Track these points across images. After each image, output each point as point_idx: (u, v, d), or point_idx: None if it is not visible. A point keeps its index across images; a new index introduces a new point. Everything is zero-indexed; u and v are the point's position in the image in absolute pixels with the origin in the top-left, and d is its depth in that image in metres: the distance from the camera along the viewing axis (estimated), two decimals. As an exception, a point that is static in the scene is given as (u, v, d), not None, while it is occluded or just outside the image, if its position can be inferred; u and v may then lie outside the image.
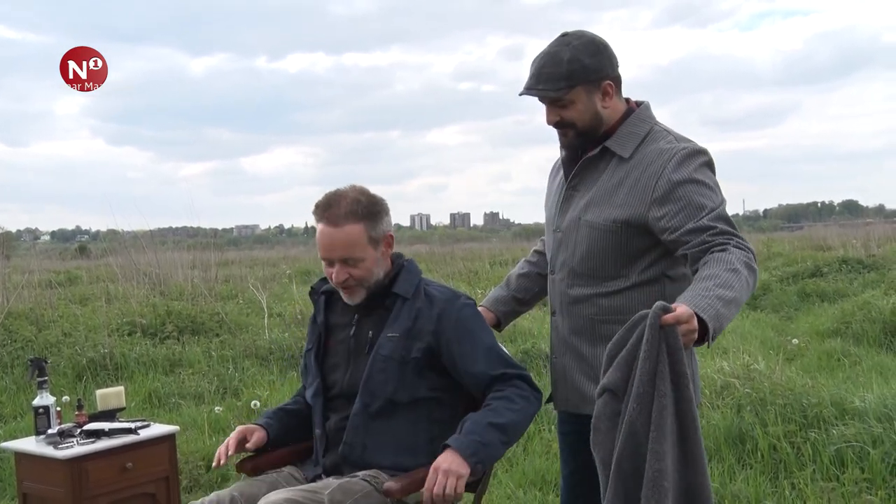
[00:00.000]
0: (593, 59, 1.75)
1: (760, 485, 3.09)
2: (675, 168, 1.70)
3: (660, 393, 1.42)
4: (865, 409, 3.39)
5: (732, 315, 1.54)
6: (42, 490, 2.59)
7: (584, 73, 1.74)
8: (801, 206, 66.14)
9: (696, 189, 1.68)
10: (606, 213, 1.77)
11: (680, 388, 1.43)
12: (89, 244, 23.38)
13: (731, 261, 1.57)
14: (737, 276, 1.55)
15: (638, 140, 1.78)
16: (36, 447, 2.60)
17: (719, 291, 1.51)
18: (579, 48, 1.74)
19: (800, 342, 5.94)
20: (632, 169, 1.76)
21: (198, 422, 4.38)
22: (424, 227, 74.44)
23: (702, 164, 1.72)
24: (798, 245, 15.67)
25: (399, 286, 1.92)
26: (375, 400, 1.84)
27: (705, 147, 1.77)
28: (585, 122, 1.78)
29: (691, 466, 1.46)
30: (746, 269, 1.58)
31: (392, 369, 1.85)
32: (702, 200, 1.67)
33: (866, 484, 2.95)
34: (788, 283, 9.43)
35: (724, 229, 1.64)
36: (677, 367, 1.43)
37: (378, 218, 1.89)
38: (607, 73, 1.77)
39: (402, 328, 1.87)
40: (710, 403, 3.80)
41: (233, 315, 7.43)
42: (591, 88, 1.76)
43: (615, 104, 1.80)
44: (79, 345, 6.01)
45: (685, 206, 1.67)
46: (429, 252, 16.56)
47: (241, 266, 13.81)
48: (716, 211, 1.66)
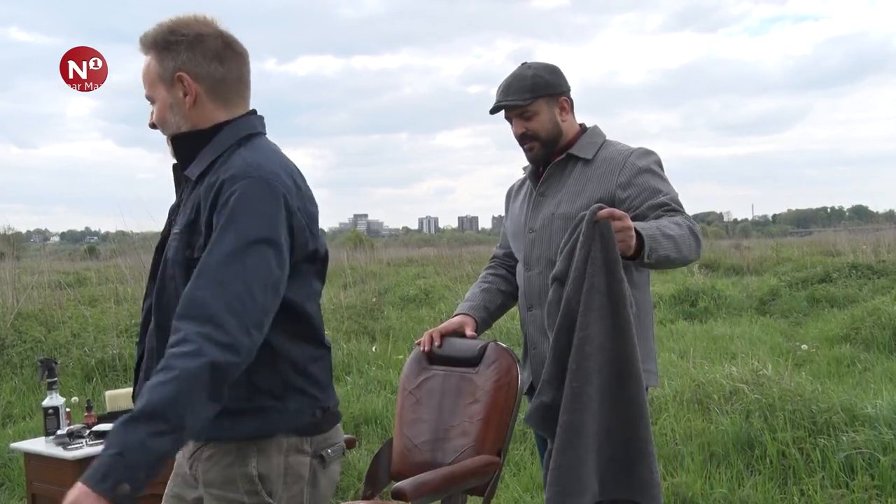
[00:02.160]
0: (552, 77, 2.04)
1: (769, 491, 3.07)
2: (636, 159, 1.97)
3: (589, 273, 1.64)
4: (876, 416, 3.37)
5: (669, 250, 1.75)
6: (51, 490, 2.60)
7: (546, 86, 2.02)
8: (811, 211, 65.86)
9: (653, 178, 1.95)
10: (578, 203, 1.97)
11: (611, 270, 1.65)
12: (98, 245, 23.49)
13: (676, 219, 1.83)
14: (678, 227, 1.80)
15: (597, 147, 2.05)
16: (45, 448, 2.61)
17: (659, 225, 1.78)
18: (539, 68, 2.04)
19: (809, 348, 5.90)
20: (596, 168, 2.01)
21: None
22: (433, 230, 74.49)
23: (657, 161, 2.00)
24: (807, 250, 15.59)
25: (198, 162, 1.38)
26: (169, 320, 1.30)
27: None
28: (548, 132, 2.04)
29: (620, 336, 1.65)
30: (689, 230, 1.82)
31: (179, 276, 1.35)
32: (659, 186, 1.93)
33: (876, 491, 2.93)
34: (798, 289, 9.38)
35: (676, 207, 1.90)
36: (609, 254, 1.65)
37: (172, 49, 1.36)
38: (564, 89, 2.06)
39: (184, 221, 1.37)
40: (719, 409, 3.78)
41: (241, 317, 7.43)
42: (551, 102, 2.03)
43: (571, 120, 2.07)
44: (88, 346, 6.04)
45: (645, 188, 1.93)
46: (437, 255, 16.56)
47: (249, 268, 13.78)
48: (671, 195, 1.92)
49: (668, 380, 4.48)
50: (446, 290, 9.66)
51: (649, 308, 2.05)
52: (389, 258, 17.68)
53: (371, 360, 5.95)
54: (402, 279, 11.71)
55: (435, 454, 2.02)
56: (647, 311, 2.02)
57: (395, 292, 9.89)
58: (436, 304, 8.80)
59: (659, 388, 4.32)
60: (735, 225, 52.42)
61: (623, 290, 1.65)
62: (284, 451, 1.38)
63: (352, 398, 4.76)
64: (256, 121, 1.44)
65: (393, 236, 55.28)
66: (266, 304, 1.27)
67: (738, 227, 47.41)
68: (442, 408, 2.06)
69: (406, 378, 2.16)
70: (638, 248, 1.70)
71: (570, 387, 1.61)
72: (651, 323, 2.05)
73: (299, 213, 1.35)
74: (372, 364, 5.80)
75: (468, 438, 1.98)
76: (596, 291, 1.63)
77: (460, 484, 1.88)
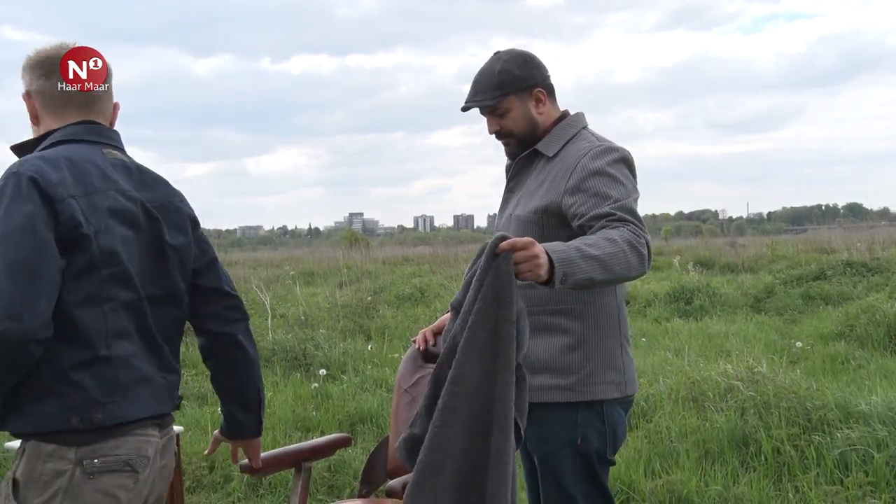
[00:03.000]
0: (522, 70, 1.91)
1: (764, 488, 3.08)
2: (588, 161, 1.82)
3: (478, 308, 1.51)
4: (870, 413, 3.38)
5: (592, 272, 1.58)
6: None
7: (515, 82, 1.89)
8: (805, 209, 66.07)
9: (604, 181, 1.79)
10: (530, 205, 1.89)
11: (502, 307, 1.51)
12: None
13: (611, 234, 1.66)
14: (611, 244, 1.62)
15: (563, 141, 1.91)
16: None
17: (582, 245, 1.60)
18: (509, 61, 1.91)
19: (804, 345, 5.92)
20: (554, 166, 1.89)
21: (201, 422, 4.38)
22: (428, 229, 74.48)
23: (615, 159, 1.83)
24: (802, 248, 15.65)
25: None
26: None
27: (625, 148, 1.89)
28: (522, 128, 1.93)
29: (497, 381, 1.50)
30: (627, 244, 1.65)
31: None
32: (608, 191, 1.77)
33: (871, 488, 2.94)
34: (792, 286, 9.41)
35: (623, 217, 1.72)
36: (502, 291, 1.51)
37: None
38: (536, 81, 1.92)
39: None
40: (714, 406, 3.80)
41: (236, 316, 7.43)
42: (523, 96, 1.91)
43: (549, 110, 1.94)
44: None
45: (593, 195, 1.78)
46: (432, 254, 16.56)
47: (244, 267, 13.85)
48: (620, 202, 1.75)
49: (663, 377, 4.49)
50: (442, 289, 9.67)
51: (613, 313, 1.90)
52: (385, 257, 17.68)
53: (367, 358, 5.95)
54: (397, 278, 11.71)
55: (430, 452, 2.01)
56: (608, 316, 1.88)
57: (391, 291, 9.90)
58: (431, 302, 8.80)
59: (654, 386, 4.33)
60: (730, 223, 52.57)
61: (510, 331, 1.51)
62: (43, 456, 1.38)
63: (347, 397, 4.76)
64: (81, 129, 1.53)
65: (388, 235, 55.26)
66: (12, 290, 1.30)
67: (734, 224, 47.55)
68: (437, 406, 2.06)
69: (402, 376, 2.16)
70: (552, 274, 1.54)
71: (434, 425, 1.51)
72: (615, 329, 1.89)
73: (70, 205, 1.39)
74: (367, 363, 5.80)
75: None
76: (480, 328, 1.51)
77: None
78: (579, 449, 1.83)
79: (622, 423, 1.90)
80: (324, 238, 40.62)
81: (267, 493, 3.50)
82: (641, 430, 3.79)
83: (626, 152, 1.88)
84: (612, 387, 1.87)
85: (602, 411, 1.85)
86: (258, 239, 47.28)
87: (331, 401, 4.68)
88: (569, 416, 1.84)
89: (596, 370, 1.85)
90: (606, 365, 1.86)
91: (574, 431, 1.84)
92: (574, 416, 1.84)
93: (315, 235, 55.45)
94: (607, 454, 1.87)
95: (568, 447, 1.84)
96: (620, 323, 1.91)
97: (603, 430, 1.85)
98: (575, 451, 1.84)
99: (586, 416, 1.84)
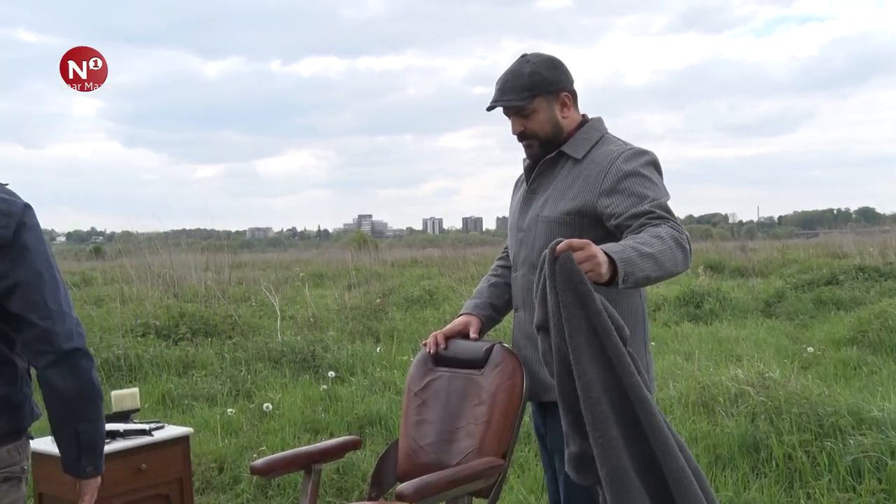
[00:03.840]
0: (551, 73, 1.95)
1: (775, 494, 3.06)
2: (623, 163, 1.86)
3: (566, 317, 1.53)
4: (883, 419, 3.35)
5: (649, 270, 1.63)
6: (58, 490, 2.61)
7: (544, 84, 1.93)
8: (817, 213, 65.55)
9: (640, 181, 1.83)
10: (560, 206, 1.92)
11: (586, 305, 1.53)
12: (104, 245, 23.56)
13: (658, 232, 1.70)
14: (660, 241, 1.67)
15: (590, 144, 1.95)
16: (52, 447, 2.60)
17: (636, 244, 1.64)
18: (538, 64, 1.95)
19: (815, 350, 5.88)
20: (584, 168, 1.92)
21: (210, 423, 4.40)
22: (437, 231, 74.47)
23: (647, 161, 1.88)
24: (813, 252, 15.54)
25: None
26: None
27: (653, 151, 1.92)
28: (547, 131, 1.96)
29: (618, 369, 1.55)
30: (674, 240, 1.69)
31: None
32: (644, 191, 1.81)
33: (884, 495, 2.91)
34: (804, 291, 9.35)
35: (662, 214, 1.77)
36: (579, 288, 1.53)
37: None
38: (565, 85, 1.96)
39: None
40: (725, 411, 3.77)
41: (246, 317, 7.46)
42: (550, 99, 1.94)
43: (573, 115, 1.98)
44: (94, 346, 6.05)
45: (629, 195, 1.82)
46: (441, 256, 16.56)
47: (254, 268, 13.89)
48: (657, 201, 1.80)
49: (673, 382, 4.47)
50: (450, 292, 9.66)
51: (639, 314, 1.94)
52: (394, 259, 17.69)
53: (375, 360, 5.95)
54: (406, 280, 11.71)
55: (440, 456, 2.01)
56: (635, 316, 1.92)
57: (400, 293, 9.90)
58: (440, 305, 8.80)
59: (664, 391, 4.30)
60: (741, 226, 52.27)
61: (604, 322, 1.55)
62: None
63: (356, 399, 4.76)
64: None
65: (397, 237, 55.29)
66: None
67: (744, 228, 47.28)
68: (447, 409, 2.06)
69: (412, 379, 2.16)
70: (612, 273, 1.57)
71: (594, 438, 1.53)
72: (641, 330, 1.94)
73: None
74: (376, 365, 5.80)
75: (473, 440, 1.97)
76: (579, 333, 1.54)
77: (465, 486, 1.88)
78: None
79: None
80: (333, 240, 40.71)
81: (276, 495, 3.50)
82: (651, 435, 3.77)
83: (655, 155, 1.92)
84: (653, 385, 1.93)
85: None
86: (267, 241, 47.42)
87: (340, 403, 4.69)
88: None
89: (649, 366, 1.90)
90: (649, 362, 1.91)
91: None
92: None
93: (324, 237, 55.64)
94: None
95: None
96: (644, 324, 1.97)
97: None
98: None
99: None
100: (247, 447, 3.99)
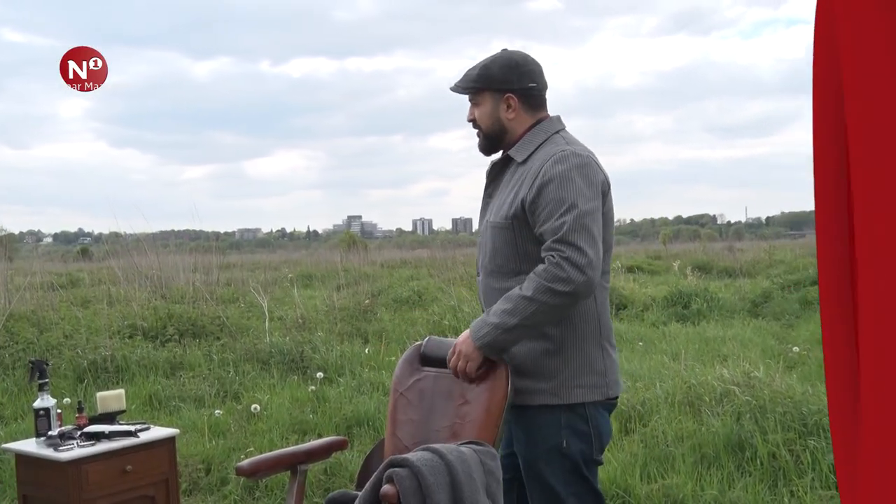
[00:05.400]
0: (502, 72, 1.98)
1: (759, 493, 3.09)
2: (550, 166, 1.89)
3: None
4: (865, 418, 3.39)
5: (516, 337, 1.88)
6: (42, 492, 2.60)
7: (490, 80, 1.98)
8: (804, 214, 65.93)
9: (563, 186, 1.86)
10: (503, 212, 1.96)
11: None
12: (91, 246, 23.40)
13: (527, 291, 1.83)
14: (528, 303, 1.82)
15: (535, 147, 1.98)
16: (37, 449, 2.60)
17: (501, 321, 1.86)
18: (498, 60, 2.00)
19: (800, 350, 5.93)
20: (524, 171, 1.95)
21: (198, 425, 4.38)
22: (426, 232, 74.40)
23: (576, 164, 1.89)
24: (800, 252, 15.65)
25: None
26: None
27: (588, 154, 1.95)
28: (488, 125, 2.01)
29: None
30: (543, 294, 1.81)
31: None
32: (563, 195, 1.85)
33: (865, 492, 2.94)
34: (790, 291, 9.42)
35: (558, 248, 1.82)
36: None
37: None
38: (511, 87, 1.98)
39: None
40: (710, 410, 3.80)
41: (234, 318, 7.44)
42: (496, 96, 1.99)
43: (520, 117, 2.01)
44: (80, 347, 6.02)
45: (550, 201, 1.86)
46: (430, 257, 16.55)
47: (242, 269, 13.83)
48: (574, 211, 1.83)
49: (659, 382, 4.49)
50: (439, 292, 9.66)
51: (592, 317, 1.95)
52: (383, 260, 17.67)
53: (364, 361, 5.95)
54: (395, 281, 11.71)
55: (426, 455, 2.02)
56: (587, 320, 1.93)
57: (389, 294, 9.90)
58: (429, 305, 8.80)
59: (651, 390, 4.33)
60: (729, 227, 52.57)
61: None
62: None
63: (344, 400, 4.76)
64: None
65: (387, 238, 55.20)
66: None
67: (732, 229, 47.56)
68: (433, 409, 2.07)
69: (398, 379, 2.17)
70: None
71: None
72: (595, 333, 1.95)
73: None
74: (364, 366, 5.80)
75: (458, 440, 1.98)
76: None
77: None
78: (564, 451, 1.90)
79: (606, 423, 1.96)
80: (322, 241, 40.62)
81: (263, 496, 3.50)
82: (637, 435, 3.80)
83: (588, 157, 1.93)
84: (592, 390, 1.92)
85: (585, 414, 1.91)
86: (256, 241, 47.26)
87: (328, 404, 4.68)
88: (553, 419, 1.91)
89: (575, 374, 1.92)
90: (586, 368, 1.92)
91: (558, 435, 1.90)
92: (558, 420, 1.91)
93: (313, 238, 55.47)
94: (593, 455, 1.93)
95: (554, 450, 1.91)
96: (601, 326, 1.96)
97: (587, 431, 1.91)
98: (561, 453, 1.90)
99: (569, 419, 1.90)
100: (234, 448, 3.98)
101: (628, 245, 28.14)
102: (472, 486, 1.75)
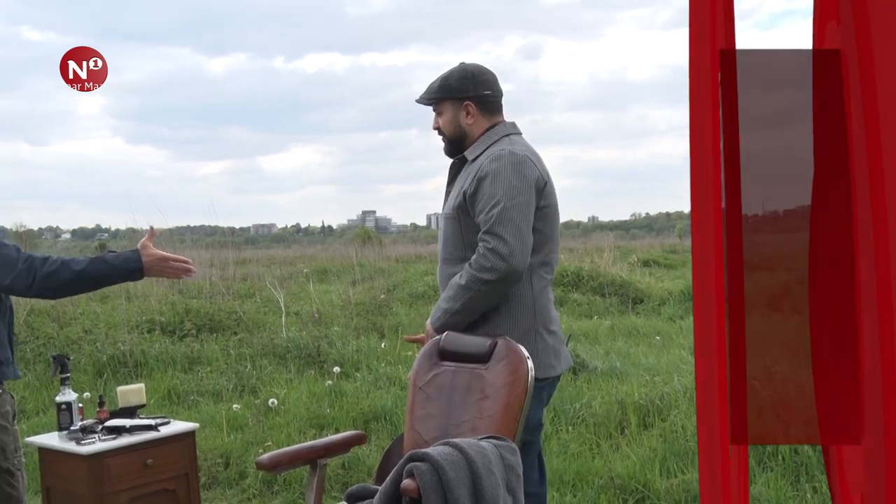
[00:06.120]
0: (459, 82, 2.20)
1: (781, 488, 3.06)
2: (489, 163, 2.09)
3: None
4: (889, 413, 3.34)
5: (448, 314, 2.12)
6: (64, 485, 2.62)
7: (449, 90, 2.21)
8: (822, 207, 65.09)
9: (496, 181, 2.06)
10: (451, 202, 2.20)
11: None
12: (109, 242, 23.62)
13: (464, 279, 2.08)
14: (465, 291, 2.07)
15: (485, 147, 2.17)
16: (59, 443, 2.63)
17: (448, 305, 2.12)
18: (455, 72, 2.21)
19: (821, 344, 5.86)
20: (471, 168, 2.17)
21: (216, 419, 4.41)
22: (440, 227, 74.25)
23: (511, 162, 2.08)
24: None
25: None
26: None
27: (525, 154, 2.12)
28: (450, 131, 2.23)
29: None
30: (475, 283, 2.05)
31: None
32: (495, 190, 2.05)
33: (890, 488, 2.90)
34: (809, 285, 9.31)
35: (486, 239, 2.04)
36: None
37: None
38: (469, 94, 2.20)
39: None
40: (730, 405, 3.76)
41: (250, 313, 7.47)
42: (456, 104, 2.20)
43: (478, 121, 2.22)
44: (99, 342, 6.08)
45: (484, 195, 2.07)
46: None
47: (258, 265, 13.90)
48: (501, 204, 2.03)
49: (678, 376, 4.46)
50: (455, 287, 9.65)
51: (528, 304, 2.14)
52: (398, 255, 17.69)
53: (380, 356, 5.96)
54: (410, 275, 11.71)
55: (445, 450, 2.01)
56: (523, 307, 2.13)
57: (404, 289, 9.91)
58: (445, 300, 8.79)
59: (670, 384, 4.30)
60: (745, 221, 51.97)
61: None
62: None
63: (361, 394, 4.77)
64: None
65: (401, 233, 55.28)
66: None
67: (749, 222, 47.06)
68: (452, 404, 2.06)
69: (416, 374, 2.17)
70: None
71: None
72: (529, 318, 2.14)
73: None
74: (381, 360, 5.81)
75: (478, 434, 1.97)
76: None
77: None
78: None
79: (537, 401, 2.11)
80: (337, 236, 40.75)
81: (282, 490, 3.51)
82: (657, 429, 3.77)
83: (524, 156, 2.10)
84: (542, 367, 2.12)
85: None
86: (272, 237, 47.47)
87: (345, 398, 4.70)
88: None
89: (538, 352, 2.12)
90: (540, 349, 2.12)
91: None
92: None
93: (328, 233, 55.67)
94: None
95: None
96: (536, 312, 2.16)
97: None
98: None
99: None
100: (252, 443, 4.00)
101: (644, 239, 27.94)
102: (492, 481, 1.74)
